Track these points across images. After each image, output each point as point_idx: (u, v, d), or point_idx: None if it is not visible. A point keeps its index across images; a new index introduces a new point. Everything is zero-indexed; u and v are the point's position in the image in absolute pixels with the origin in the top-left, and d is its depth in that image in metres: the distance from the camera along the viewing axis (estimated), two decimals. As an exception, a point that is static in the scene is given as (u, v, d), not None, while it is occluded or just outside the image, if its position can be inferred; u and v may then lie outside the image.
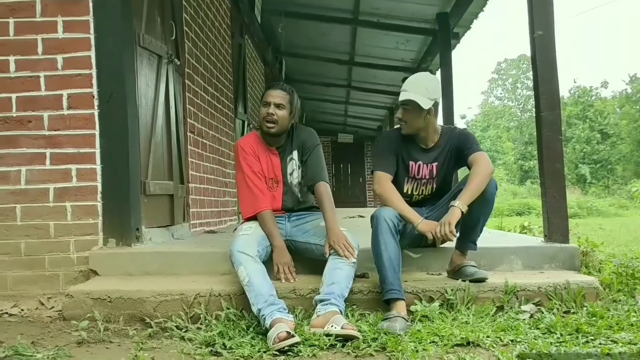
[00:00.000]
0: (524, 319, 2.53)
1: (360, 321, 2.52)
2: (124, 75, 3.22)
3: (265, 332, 2.30)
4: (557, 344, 2.21)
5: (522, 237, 4.55)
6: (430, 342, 2.23)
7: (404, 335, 2.30)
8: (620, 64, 67.44)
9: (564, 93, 32.56)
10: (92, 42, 3.19)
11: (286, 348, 2.16)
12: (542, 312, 2.60)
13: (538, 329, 2.41)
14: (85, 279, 3.10)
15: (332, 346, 2.23)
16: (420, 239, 2.90)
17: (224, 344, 2.26)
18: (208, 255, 3.14)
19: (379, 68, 9.79)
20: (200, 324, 2.56)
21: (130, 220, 3.22)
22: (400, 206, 2.74)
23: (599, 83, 49.68)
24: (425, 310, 2.54)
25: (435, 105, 2.84)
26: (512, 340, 2.27)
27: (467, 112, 71.54)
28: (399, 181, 2.93)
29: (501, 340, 2.27)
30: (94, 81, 3.19)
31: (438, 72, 7.55)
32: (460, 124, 29.58)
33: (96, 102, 3.19)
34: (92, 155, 3.19)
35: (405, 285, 2.64)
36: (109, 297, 2.70)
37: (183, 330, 2.50)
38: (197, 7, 4.97)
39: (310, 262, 2.93)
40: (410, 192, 2.96)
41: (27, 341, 2.36)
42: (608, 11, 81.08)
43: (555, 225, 3.24)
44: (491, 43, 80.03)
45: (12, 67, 3.18)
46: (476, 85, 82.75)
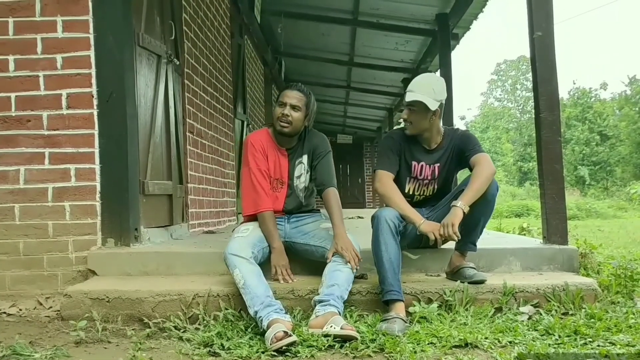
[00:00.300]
0: (523, 321, 2.53)
1: (358, 322, 2.51)
2: (123, 75, 3.22)
3: (264, 333, 2.30)
4: (556, 345, 2.21)
5: (521, 238, 4.55)
6: (428, 343, 2.23)
7: (402, 336, 2.30)
8: (620, 66, 67.49)
9: (564, 94, 32.62)
10: (92, 42, 3.19)
11: (284, 348, 2.16)
12: (541, 314, 2.60)
13: (536, 330, 2.41)
14: (84, 278, 3.10)
15: (331, 347, 2.22)
16: (420, 240, 2.91)
17: (222, 345, 2.26)
18: (206, 255, 3.14)
19: (379, 69, 9.80)
20: (199, 324, 2.56)
21: (129, 220, 3.22)
22: (401, 206, 2.74)
23: (598, 85, 49.84)
24: (423, 312, 2.54)
25: (441, 106, 2.84)
26: (510, 342, 2.27)
27: (466, 113, 71.54)
28: (401, 181, 2.93)
29: (499, 341, 2.27)
30: (93, 81, 3.19)
31: (437, 73, 7.55)
32: (459, 125, 29.58)
33: (95, 102, 3.19)
34: (91, 155, 3.19)
35: (404, 286, 2.64)
36: (107, 297, 2.70)
37: (181, 330, 2.50)
38: (196, 7, 4.97)
39: (309, 263, 2.93)
40: (412, 192, 2.96)
41: (25, 341, 2.36)
42: (607, 13, 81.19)
43: (554, 226, 3.24)
44: (491, 44, 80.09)
45: (11, 66, 3.18)
46: (476, 87, 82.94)
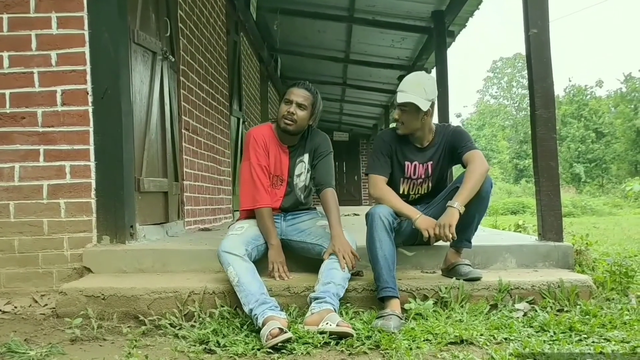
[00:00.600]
0: (518, 317, 2.54)
1: (354, 319, 2.51)
2: (118, 71, 3.21)
3: (259, 331, 2.30)
4: (551, 342, 2.22)
5: (516, 235, 4.55)
6: (424, 340, 2.24)
7: (398, 333, 2.30)
8: (615, 63, 67.76)
9: (559, 92, 32.75)
10: (87, 38, 3.17)
11: (279, 345, 2.16)
12: (536, 311, 2.61)
13: (531, 327, 2.42)
14: (79, 276, 3.09)
15: (326, 344, 2.23)
16: (415, 236, 2.91)
17: (217, 342, 2.26)
18: (202, 252, 3.13)
19: (375, 66, 9.79)
20: (194, 321, 2.56)
21: (124, 217, 3.21)
22: (397, 204, 2.74)
23: (593, 82, 49.77)
24: (419, 309, 2.55)
25: (432, 105, 2.83)
26: (505, 339, 2.27)
27: (462, 110, 71.88)
28: (395, 182, 2.93)
29: (495, 338, 2.28)
30: (88, 77, 3.18)
31: (433, 70, 7.54)
32: (455, 123, 29.57)
33: (90, 99, 3.18)
34: (86, 152, 3.18)
35: (399, 283, 2.64)
36: (102, 294, 2.70)
37: (177, 327, 2.49)
38: (192, 3, 4.95)
39: (305, 260, 2.93)
40: (406, 192, 2.95)
41: (20, 338, 2.35)
42: (603, 10, 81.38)
43: (550, 223, 3.25)
44: (487, 41, 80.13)
45: (5, 63, 3.17)
46: (471, 84, 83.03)
